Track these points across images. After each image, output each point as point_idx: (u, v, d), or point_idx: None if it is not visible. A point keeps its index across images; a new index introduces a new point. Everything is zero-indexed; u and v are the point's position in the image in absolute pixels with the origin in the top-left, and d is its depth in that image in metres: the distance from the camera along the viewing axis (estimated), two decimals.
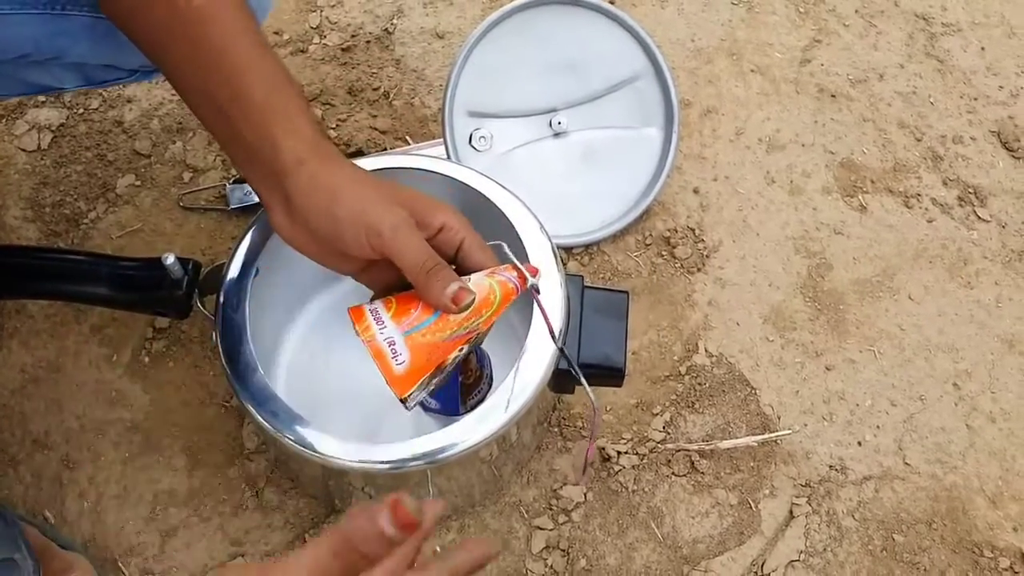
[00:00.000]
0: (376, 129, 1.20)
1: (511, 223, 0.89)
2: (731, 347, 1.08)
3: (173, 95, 1.22)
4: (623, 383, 0.88)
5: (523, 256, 0.86)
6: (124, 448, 1.02)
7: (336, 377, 0.99)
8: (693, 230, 1.15)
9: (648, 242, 1.14)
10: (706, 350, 1.08)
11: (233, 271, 0.86)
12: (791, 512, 1.00)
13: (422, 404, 0.96)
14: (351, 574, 0.49)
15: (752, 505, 1.01)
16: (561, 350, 0.82)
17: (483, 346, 0.94)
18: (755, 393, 1.06)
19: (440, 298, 0.68)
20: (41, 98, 1.21)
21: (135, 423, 1.03)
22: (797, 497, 1.01)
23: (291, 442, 0.80)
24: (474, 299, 0.69)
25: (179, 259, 0.85)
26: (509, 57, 1.11)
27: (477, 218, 0.81)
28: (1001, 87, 1.28)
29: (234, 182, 1.14)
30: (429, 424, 0.96)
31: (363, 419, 0.96)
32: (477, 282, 0.72)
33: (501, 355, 0.95)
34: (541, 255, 0.87)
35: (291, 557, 0.50)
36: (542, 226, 0.90)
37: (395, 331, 0.70)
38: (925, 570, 0.98)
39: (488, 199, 0.91)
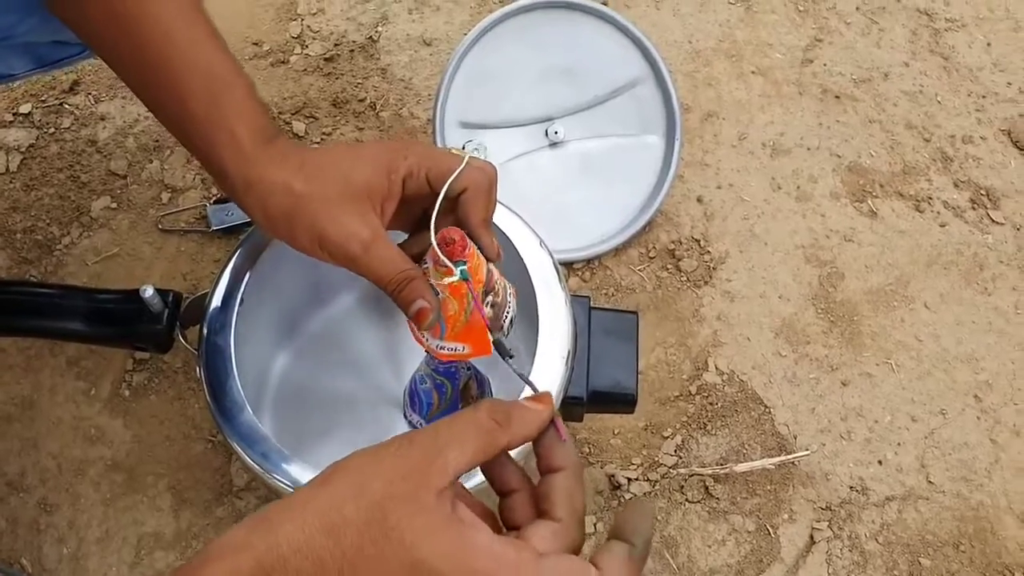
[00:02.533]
0: (362, 143, 1.15)
1: (509, 239, 0.84)
2: (742, 363, 1.03)
3: (148, 112, 1.15)
4: (635, 409, 0.83)
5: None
6: (105, 488, 0.96)
7: (326, 407, 0.94)
8: (698, 241, 1.10)
9: (652, 255, 1.09)
10: (716, 367, 1.03)
11: (216, 301, 0.81)
12: (812, 537, 0.95)
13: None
14: None
15: (770, 531, 0.96)
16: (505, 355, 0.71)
17: (483, 370, 0.90)
18: (769, 412, 1.01)
19: (408, 313, 0.65)
20: (9, 117, 1.14)
21: (116, 461, 0.97)
22: (817, 521, 0.96)
23: (283, 484, 0.75)
24: (436, 314, 0.66)
25: (158, 291, 0.80)
26: (502, 64, 1.06)
27: None
28: (1009, 83, 1.24)
29: (215, 202, 1.08)
30: None
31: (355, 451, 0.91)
32: (434, 280, 0.66)
33: (503, 378, 0.91)
34: (543, 273, 0.82)
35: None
36: (542, 242, 0.85)
37: (435, 339, 0.68)
38: None
39: None
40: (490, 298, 0.68)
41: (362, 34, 1.22)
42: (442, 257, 0.66)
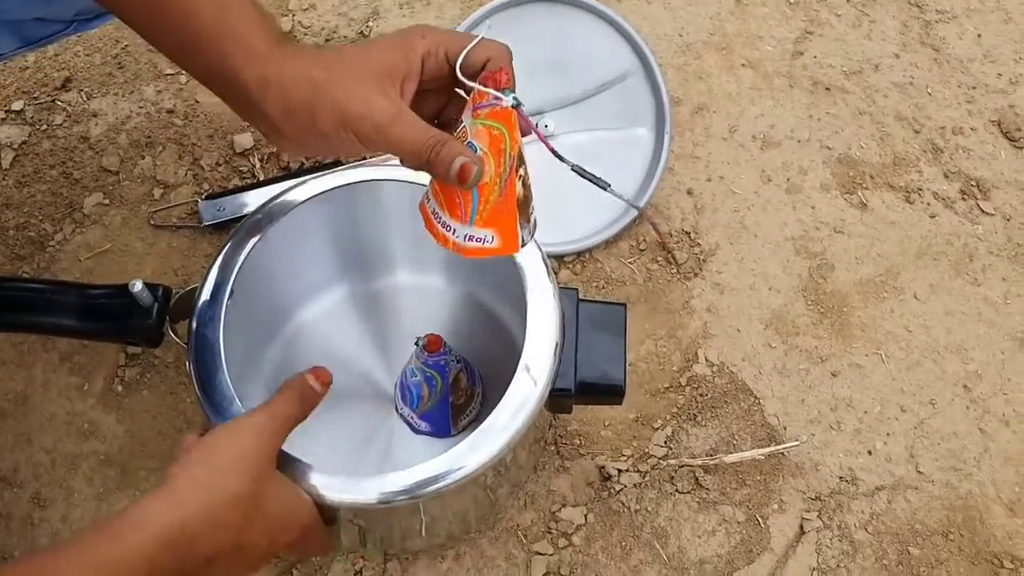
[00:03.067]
0: None
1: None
2: (732, 355, 1.04)
3: (140, 108, 1.16)
4: (623, 400, 0.83)
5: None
6: (99, 483, 0.97)
7: (325, 403, 0.94)
8: (688, 233, 1.10)
9: (642, 248, 1.09)
10: (706, 359, 1.03)
11: (205, 295, 0.81)
12: (801, 527, 0.96)
13: (411, 425, 0.92)
14: None
15: (760, 521, 0.96)
16: (575, 168, 0.77)
17: (472, 361, 0.90)
18: (759, 403, 1.02)
19: (449, 180, 0.64)
20: (1, 114, 1.15)
21: (109, 456, 0.98)
22: (807, 511, 0.96)
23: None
24: (480, 168, 0.63)
25: (147, 285, 0.80)
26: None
27: None
28: (1000, 75, 1.24)
29: (206, 198, 1.09)
30: (419, 447, 0.92)
31: (350, 444, 0.92)
32: (473, 129, 0.66)
33: (495, 370, 0.91)
34: (531, 265, 0.83)
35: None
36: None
37: (463, 227, 0.66)
38: None
39: None
40: (522, 171, 0.66)
41: (353, 29, 1.23)
42: (486, 90, 0.64)
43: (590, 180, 0.76)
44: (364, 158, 0.89)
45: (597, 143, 1.10)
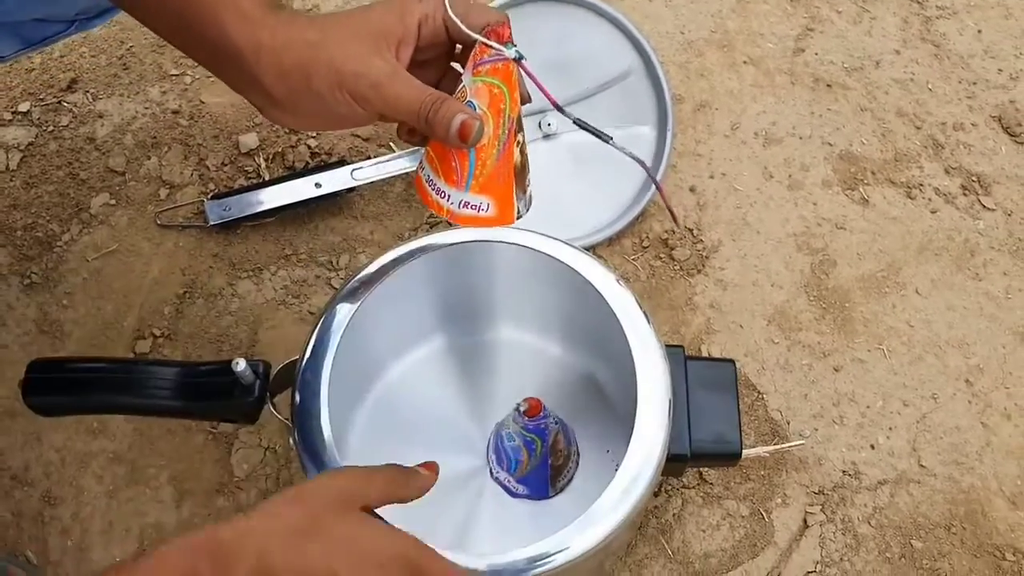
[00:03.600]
0: (359, 136, 1.16)
1: (585, 278, 0.83)
2: (735, 351, 1.05)
3: (146, 109, 1.17)
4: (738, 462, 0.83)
5: None
6: (108, 481, 0.98)
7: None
8: (691, 230, 1.11)
9: (645, 244, 1.10)
10: (710, 355, 1.04)
11: (306, 369, 0.79)
12: (805, 521, 0.97)
13: (508, 489, 0.90)
14: None
15: (764, 515, 0.97)
16: (578, 121, 0.73)
17: (569, 423, 0.88)
18: (762, 398, 1.02)
19: (449, 139, 0.62)
20: (7, 116, 1.16)
21: (118, 454, 0.99)
22: (811, 505, 0.97)
23: None
24: (482, 125, 0.62)
25: (249, 363, 0.77)
26: None
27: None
28: (1000, 70, 1.25)
29: (212, 197, 1.09)
30: (521, 513, 0.89)
31: (447, 511, 0.88)
32: (473, 87, 0.64)
33: (587, 424, 0.90)
34: (634, 322, 0.80)
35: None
36: (619, 278, 0.83)
37: (458, 193, 0.65)
38: None
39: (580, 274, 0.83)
40: (520, 137, 0.65)
41: None
42: (488, 43, 0.63)
43: (592, 132, 0.73)
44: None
45: (599, 142, 1.10)
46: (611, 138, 0.71)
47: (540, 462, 0.87)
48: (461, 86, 0.64)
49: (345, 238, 1.09)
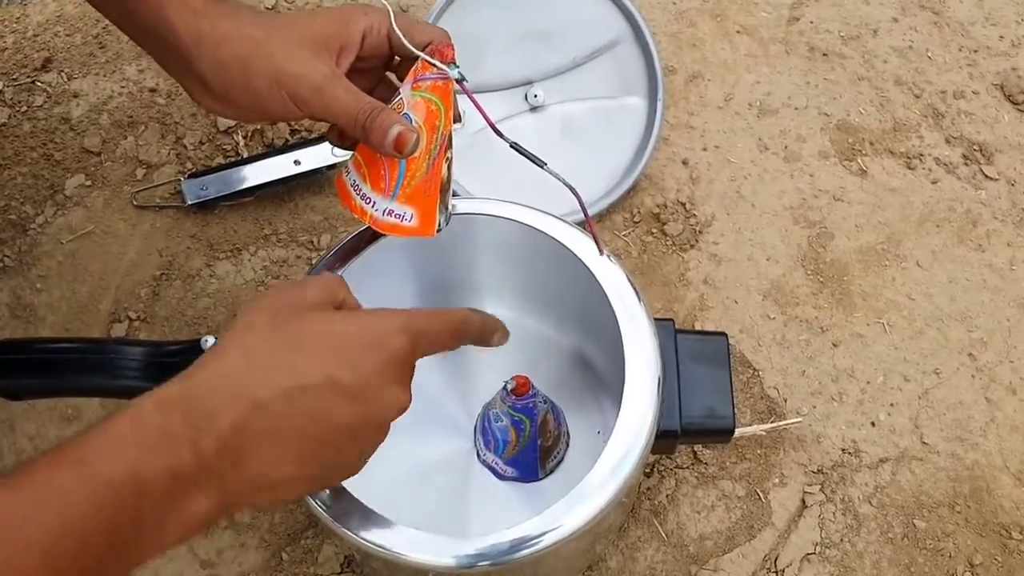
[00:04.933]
0: None
1: (570, 250, 0.80)
2: (730, 327, 1.01)
3: (122, 88, 1.14)
4: (731, 438, 0.80)
5: None
6: None
7: (401, 448, 0.87)
8: (684, 204, 1.08)
9: (637, 219, 1.07)
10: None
11: None
12: (803, 501, 0.93)
13: (496, 472, 0.87)
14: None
15: (761, 496, 0.94)
16: (514, 145, 0.73)
17: (557, 401, 0.85)
18: (758, 375, 0.99)
19: (384, 148, 0.64)
20: None
21: None
22: (809, 485, 0.94)
23: (371, 545, 0.68)
24: (417, 136, 0.64)
25: (218, 339, 0.75)
26: (478, 27, 1.04)
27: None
28: (1002, 37, 1.21)
29: (189, 176, 1.06)
30: (510, 496, 0.86)
31: (429, 493, 0.86)
32: (410, 101, 0.67)
33: (575, 401, 0.87)
34: (619, 292, 0.77)
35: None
36: (609, 253, 0.80)
37: (384, 200, 0.67)
38: (950, 556, 0.91)
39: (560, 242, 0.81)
40: (449, 154, 0.67)
41: (335, 1, 1.20)
42: (431, 61, 0.66)
43: (527, 156, 0.73)
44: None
45: (588, 113, 1.07)
46: (545, 163, 0.72)
47: (529, 443, 0.84)
48: (398, 98, 0.67)
49: (326, 216, 1.06)
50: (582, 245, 0.81)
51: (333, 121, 0.66)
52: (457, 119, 0.69)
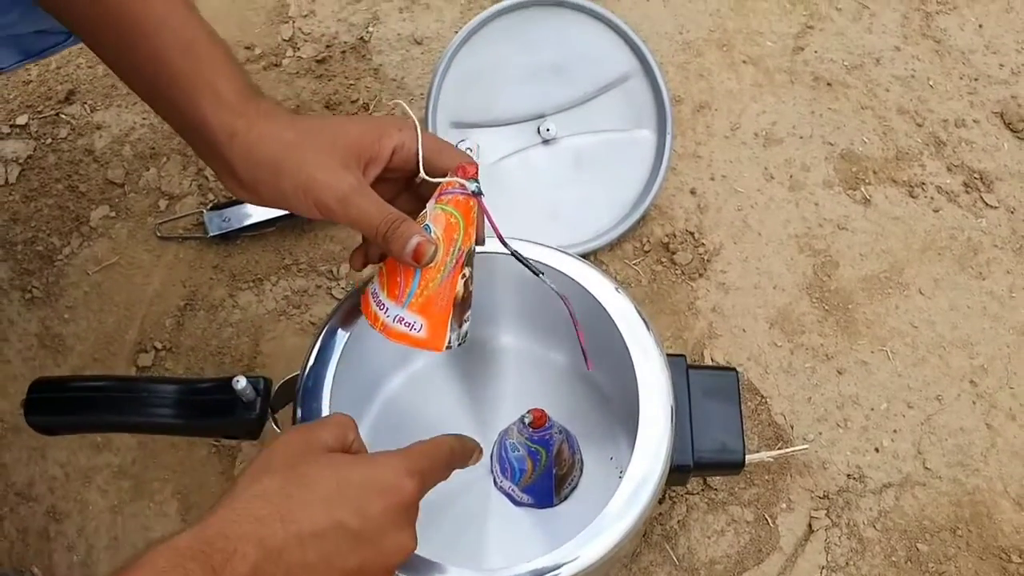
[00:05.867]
0: None
1: (582, 286, 0.82)
2: (738, 355, 1.04)
3: (144, 120, 1.17)
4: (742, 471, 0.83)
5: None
6: (112, 496, 0.98)
7: None
8: (692, 233, 1.11)
9: (647, 249, 1.10)
10: (712, 360, 1.04)
11: (307, 383, 0.78)
12: (810, 526, 0.96)
13: (512, 498, 0.90)
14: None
15: (769, 521, 0.97)
16: (515, 254, 0.74)
17: (571, 429, 0.88)
18: (766, 402, 1.02)
19: (403, 257, 0.66)
20: (6, 129, 1.15)
21: (123, 468, 0.99)
22: (815, 510, 0.97)
23: None
24: (436, 249, 0.67)
25: (249, 379, 0.78)
26: (492, 63, 1.07)
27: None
28: (1002, 65, 1.24)
29: (211, 208, 1.09)
30: (525, 521, 0.88)
31: (446, 519, 0.88)
32: (432, 213, 0.69)
33: (588, 430, 0.89)
34: (631, 328, 0.80)
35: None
36: (618, 287, 0.83)
37: (396, 307, 0.68)
38: None
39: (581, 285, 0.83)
40: (467, 271, 0.69)
41: (353, 35, 1.23)
42: (453, 178, 0.68)
43: (525, 265, 0.74)
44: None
45: (599, 145, 1.10)
46: (542, 273, 0.74)
47: (544, 471, 0.87)
48: (423, 212, 0.69)
49: (345, 247, 1.09)
50: (593, 280, 0.84)
51: (355, 229, 0.68)
52: (480, 241, 0.71)
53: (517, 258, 0.74)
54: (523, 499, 0.89)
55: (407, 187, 0.73)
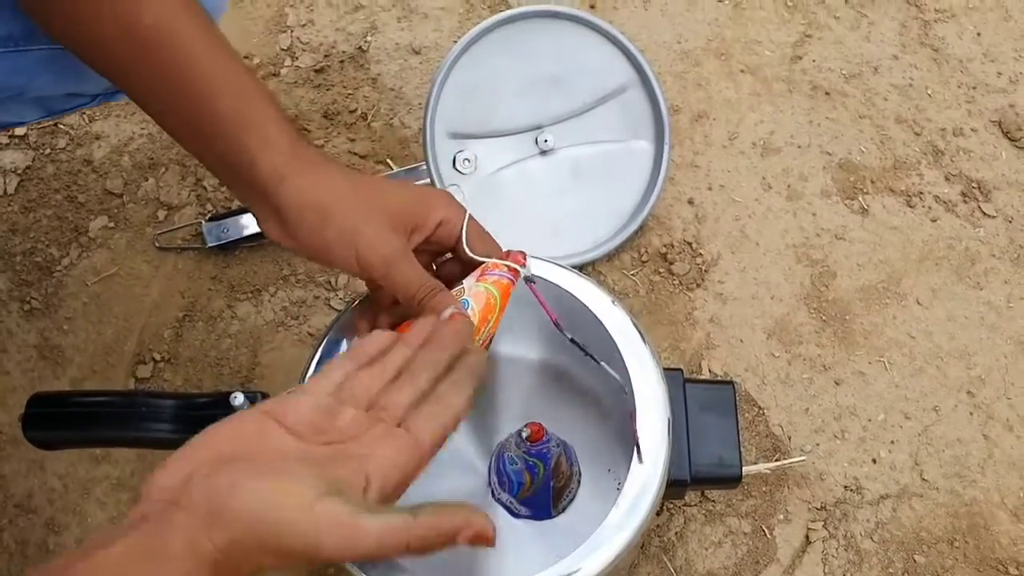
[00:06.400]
0: (355, 154, 1.15)
1: (578, 299, 0.82)
2: (736, 366, 1.05)
3: (143, 130, 1.17)
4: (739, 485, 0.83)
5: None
6: (111, 507, 0.98)
7: (417, 486, 0.88)
8: (690, 244, 1.11)
9: (644, 259, 1.10)
10: (710, 370, 1.04)
11: None
12: (807, 537, 0.97)
13: (510, 510, 0.91)
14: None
15: (767, 532, 0.97)
16: (573, 340, 0.76)
17: (569, 439, 0.88)
18: (763, 413, 1.02)
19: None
20: (4, 140, 1.16)
21: (121, 480, 0.99)
22: (813, 521, 0.97)
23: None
24: (469, 321, 0.67)
25: (247, 395, 0.78)
26: (490, 74, 1.07)
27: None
28: (1000, 74, 1.24)
29: (210, 219, 1.09)
30: (524, 533, 0.88)
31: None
32: (472, 289, 0.70)
33: (585, 441, 0.88)
34: (628, 341, 0.80)
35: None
36: (615, 300, 0.82)
37: None
38: None
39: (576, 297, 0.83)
40: (488, 353, 0.70)
41: (351, 44, 1.23)
42: (503, 262, 0.70)
43: (586, 353, 0.76)
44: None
45: (597, 156, 1.10)
46: (601, 361, 0.75)
47: (542, 484, 0.87)
48: (460, 286, 0.70)
49: None
50: (590, 293, 0.84)
51: (392, 291, 0.68)
52: (500, 306, 0.72)
53: (575, 344, 0.75)
54: (521, 511, 0.89)
55: (433, 261, 0.74)
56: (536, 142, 1.09)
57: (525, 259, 0.72)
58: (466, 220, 0.71)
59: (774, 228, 1.12)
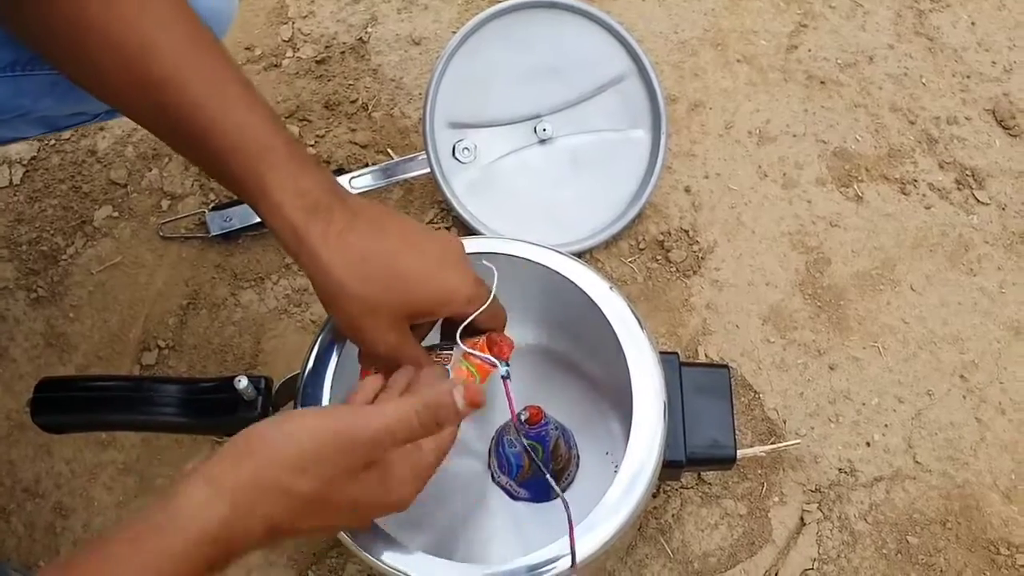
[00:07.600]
0: (356, 144, 1.17)
1: (579, 287, 0.84)
2: (732, 351, 1.06)
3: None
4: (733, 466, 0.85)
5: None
6: (118, 491, 1.00)
7: None
8: (687, 231, 1.12)
9: (642, 247, 1.11)
10: (706, 356, 1.06)
11: (307, 383, 0.80)
12: (802, 519, 0.98)
13: (510, 493, 0.93)
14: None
15: (762, 514, 0.98)
16: (530, 453, 0.81)
17: (568, 423, 0.91)
18: (759, 397, 1.04)
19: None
20: None
21: (128, 464, 1.01)
22: (807, 503, 0.99)
23: (390, 569, 0.73)
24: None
25: (251, 379, 0.80)
26: (489, 65, 1.08)
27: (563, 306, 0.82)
28: (994, 63, 1.25)
29: (213, 208, 1.11)
30: (523, 515, 0.90)
31: (445, 516, 0.90)
32: (457, 363, 0.74)
33: (582, 423, 0.91)
34: (625, 325, 0.81)
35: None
36: (612, 285, 0.84)
37: None
38: (941, 571, 0.96)
39: (573, 283, 0.85)
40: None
41: (352, 35, 1.24)
42: (485, 356, 0.74)
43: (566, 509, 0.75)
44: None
45: (595, 145, 1.11)
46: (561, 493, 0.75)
47: (542, 465, 0.88)
48: (450, 350, 0.75)
49: None
50: (587, 280, 0.85)
51: (390, 357, 0.71)
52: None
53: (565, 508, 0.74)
54: (520, 493, 0.91)
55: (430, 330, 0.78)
56: (535, 131, 1.11)
57: (510, 352, 0.76)
58: (484, 307, 0.73)
59: (769, 216, 1.14)
